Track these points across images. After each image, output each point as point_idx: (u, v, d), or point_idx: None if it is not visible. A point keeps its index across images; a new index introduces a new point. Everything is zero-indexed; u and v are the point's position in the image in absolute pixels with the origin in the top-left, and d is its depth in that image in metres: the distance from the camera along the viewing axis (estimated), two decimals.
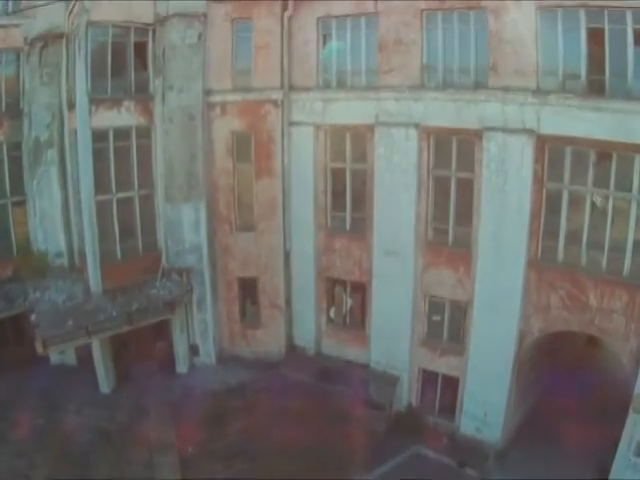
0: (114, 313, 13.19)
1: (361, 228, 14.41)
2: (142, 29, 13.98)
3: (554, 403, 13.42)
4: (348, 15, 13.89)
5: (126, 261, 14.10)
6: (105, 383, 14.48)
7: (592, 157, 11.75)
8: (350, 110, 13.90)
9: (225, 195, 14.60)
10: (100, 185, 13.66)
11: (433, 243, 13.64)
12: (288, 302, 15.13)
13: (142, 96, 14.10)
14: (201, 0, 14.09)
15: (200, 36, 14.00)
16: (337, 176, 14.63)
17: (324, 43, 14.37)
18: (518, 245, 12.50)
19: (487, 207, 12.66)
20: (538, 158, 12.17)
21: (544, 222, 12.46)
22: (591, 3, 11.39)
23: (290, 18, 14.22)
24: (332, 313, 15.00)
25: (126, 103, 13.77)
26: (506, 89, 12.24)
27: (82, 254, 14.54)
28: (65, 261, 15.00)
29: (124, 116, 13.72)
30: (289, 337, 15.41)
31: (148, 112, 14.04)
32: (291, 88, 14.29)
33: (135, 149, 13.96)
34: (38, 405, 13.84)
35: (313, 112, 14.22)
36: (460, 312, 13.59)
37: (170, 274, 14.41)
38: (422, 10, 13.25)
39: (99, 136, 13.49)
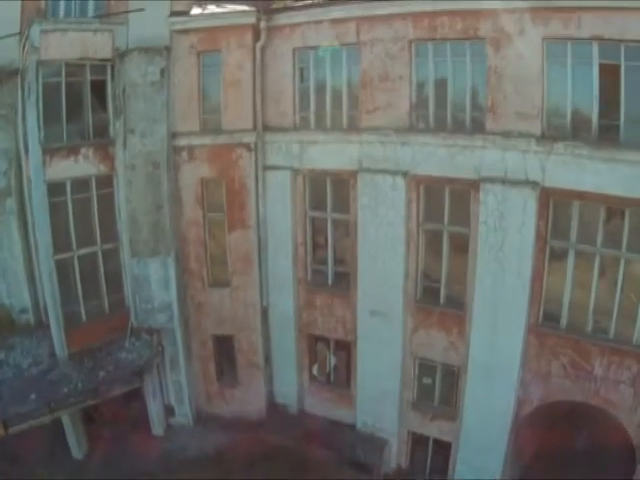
0: (79, 385, 11.75)
1: (345, 284, 12.80)
2: (99, 66, 12.17)
3: (551, 473, 11.96)
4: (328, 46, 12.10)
5: (92, 322, 12.57)
6: (77, 448, 13.20)
7: (602, 214, 10.10)
8: (330, 154, 12.14)
9: (196, 248, 13.01)
10: (59, 242, 12.09)
11: (423, 303, 12.03)
12: (268, 359, 13.66)
13: (102, 141, 12.38)
14: (164, 31, 12.22)
15: (163, 72, 12.22)
16: (318, 226, 12.95)
17: (301, 78, 12.58)
18: (517, 308, 10.92)
19: (483, 266, 11.01)
20: (542, 214, 10.46)
21: (547, 284, 10.84)
22: (607, 35, 9.64)
23: (263, 49, 12.37)
24: (315, 370, 13.52)
25: (84, 150, 12.07)
26: (506, 134, 10.51)
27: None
28: (31, 317, 13.42)
29: (82, 165, 12.04)
30: (270, 395, 13.96)
31: (109, 159, 12.35)
32: (265, 129, 12.50)
33: (96, 200, 12.33)
34: (6, 470, 12.54)
35: (290, 155, 12.48)
36: (453, 376, 12.07)
37: (139, 333, 12.93)
38: (410, 41, 11.46)
39: (55, 189, 11.89)
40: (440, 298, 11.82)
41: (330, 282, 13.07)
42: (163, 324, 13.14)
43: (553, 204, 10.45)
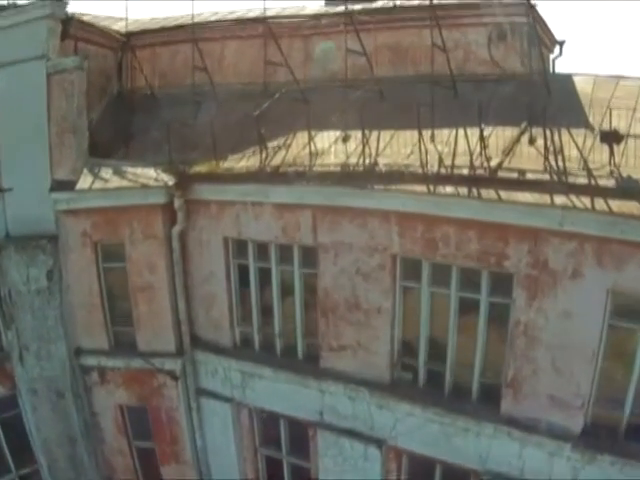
0: None
1: None
2: None
3: None
4: (271, 242, 7.41)
5: None
6: None
7: None
8: (281, 395, 7.74)
9: None
10: None
11: None
12: None
13: None
14: (46, 212, 7.83)
15: (51, 275, 8.03)
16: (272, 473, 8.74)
17: (239, 278, 8.02)
18: None
19: None
20: None
21: None
22: None
23: (183, 235, 7.80)
24: None
25: None
26: (531, 427, 6.01)
27: None
28: None
29: None
30: None
31: (8, 377, 8.51)
32: (196, 343, 8.18)
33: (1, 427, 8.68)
34: None
35: (230, 383, 8.14)
36: None
37: None
38: (395, 255, 6.75)
39: None
40: None
41: None
42: None
43: None
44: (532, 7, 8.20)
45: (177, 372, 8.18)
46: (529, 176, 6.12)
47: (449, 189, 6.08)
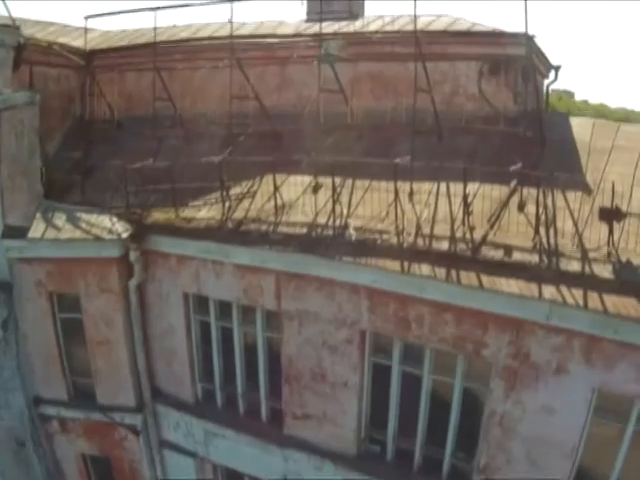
0: None
1: None
2: None
3: None
4: (233, 302, 6.66)
5: None
6: None
7: None
8: (245, 457, 7.10)
9: None
10: None
11: None
12: None
13: None
14: (1, 262, 7.02)
15: (6, 325, 7.25)
16: None
17: (200, 334, 7.23)
18: None
19: None
20: None
21: None
22: None
23: (141, 287, 7.06)
24: None
25: None
26: None
27: None
28: None
29: None
30: None
31: None
32: (157, 395, 7.51)
33: None
34: None
35: (193, 439, 7.52)
36: None
37: None
38: (364, 331, 5.95)
39: None
40: None
41: None
42: None
43: None
44: (531, 39, 7.28)
45: (138, 427, 7.59)
46: (516, 256, 5.31)
47: (425, 268, 5.29)
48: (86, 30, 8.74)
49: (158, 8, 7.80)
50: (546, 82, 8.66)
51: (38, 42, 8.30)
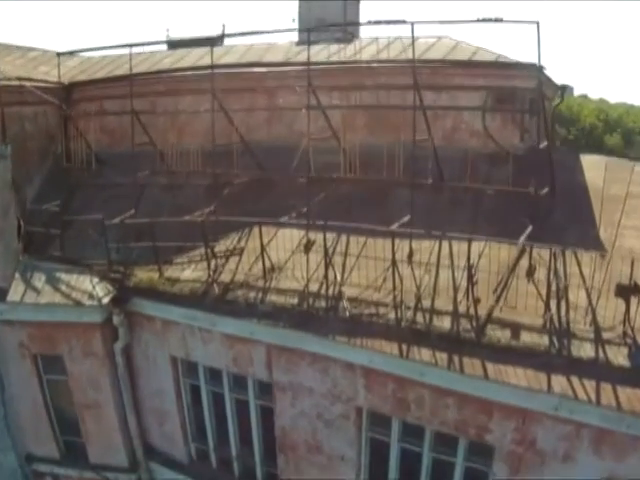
0: None
1: None
2: None
3: None
4: (223, 369, 6.23)
5: None
6: None
7: None
8: None
9: None
10: None
11: None
12: None
13: None
14: None
15: None
16: None
17: (191, 396, 6.74)
18: None
19: None
20: None
21: None
22: None
23: (127, 349, 6.62)
24: None
25: None
26: None
27: None
28: None
29: None
30: None
31: None
32: (150, 454, 7.12)
33: None
34: None
35: None
36: None
37: None
38: (360, 408, 5.43)
39: None
40: None
41: None
42: None
43: None
44: (541, 70, 6.57)
45: None
46: (524, 337, 4.82)
47: (425, 353, 4.82)
48: (59, 67, 8.07)
49: (133, 44, 7.24)
50: (553, 104, 8.12)
51: (8, 83, 7.61)
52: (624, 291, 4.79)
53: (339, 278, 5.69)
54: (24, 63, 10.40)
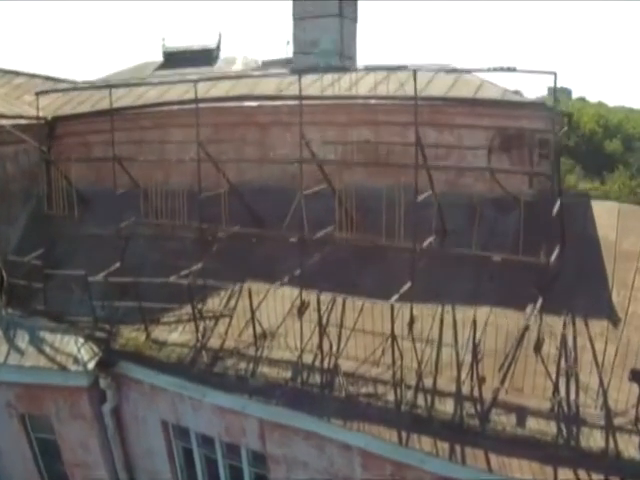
0: None
1: None
2: None
3: None
4: (215, 437, 5.95)
5: None
6: None
7: None
8: None
9: None
10: None
11: None
12: None
13: None
14: None
15: None
16: None
17: (184, 458, 6.45)
18: None
19: None
20: None
21: None
22: None
23: (116, 411, 6.32)
24: None
25: None
26: None
27: None
28: None
29: None
30: None
31: None
32: None
33: None
34: None
35: None
36: None
37: None
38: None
39: None
40: None
41: None
42: None
43: None
44: (551, 109, 5.98)
45: None
46: (531, 423, 4.49)
47: (426, 442, 4.47)
48: (38, 107, 7.43)
49: (113, 86, 6.77)
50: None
51: None
52: (637, 376, 4.50)
53: (335, 349, 5.38)
54: (8, 92, 9.85)
